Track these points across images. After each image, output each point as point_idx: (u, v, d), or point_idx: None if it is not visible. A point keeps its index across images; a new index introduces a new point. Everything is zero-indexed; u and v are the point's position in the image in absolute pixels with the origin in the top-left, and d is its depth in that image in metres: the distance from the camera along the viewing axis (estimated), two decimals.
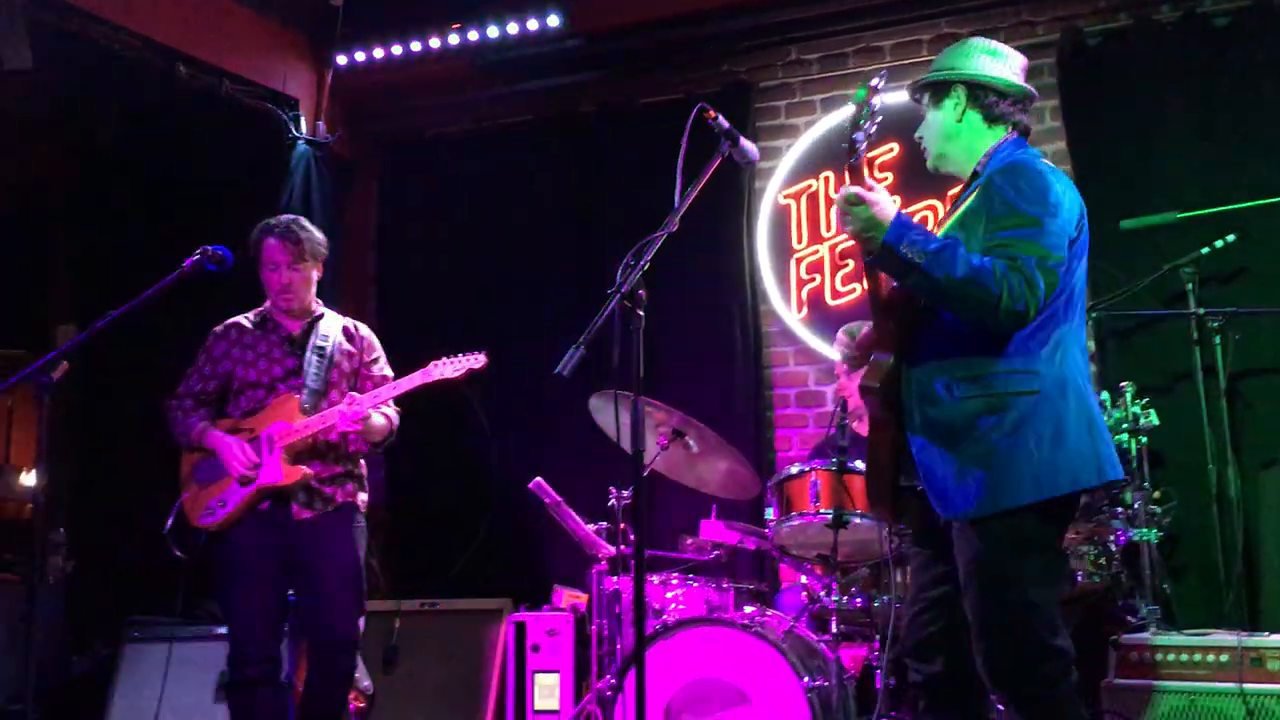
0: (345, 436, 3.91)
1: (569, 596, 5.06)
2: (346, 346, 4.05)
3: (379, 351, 4.15)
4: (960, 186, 2.95)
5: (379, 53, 6.30)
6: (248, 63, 5.93)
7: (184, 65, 5.58)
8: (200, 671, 4.93)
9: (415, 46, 6.24)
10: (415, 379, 3.90)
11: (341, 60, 6.34)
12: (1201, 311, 4.55)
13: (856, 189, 2.68)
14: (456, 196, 6.43)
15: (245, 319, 4.06)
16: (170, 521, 3.92)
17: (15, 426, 6.57)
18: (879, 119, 2.74)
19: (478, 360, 3.92)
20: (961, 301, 2.62)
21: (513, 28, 6.08)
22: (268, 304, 4.07)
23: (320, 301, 4.12)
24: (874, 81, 2.74)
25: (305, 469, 3.83)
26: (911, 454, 2.75)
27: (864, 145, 2.73)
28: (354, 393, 3.93)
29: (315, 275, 4.05)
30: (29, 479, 6.09)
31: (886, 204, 2.69)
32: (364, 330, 4.16)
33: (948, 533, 2.74)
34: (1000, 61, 2.92)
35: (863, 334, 2.99)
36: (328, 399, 3.93)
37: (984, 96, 2.88)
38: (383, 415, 3.95)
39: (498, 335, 6.07)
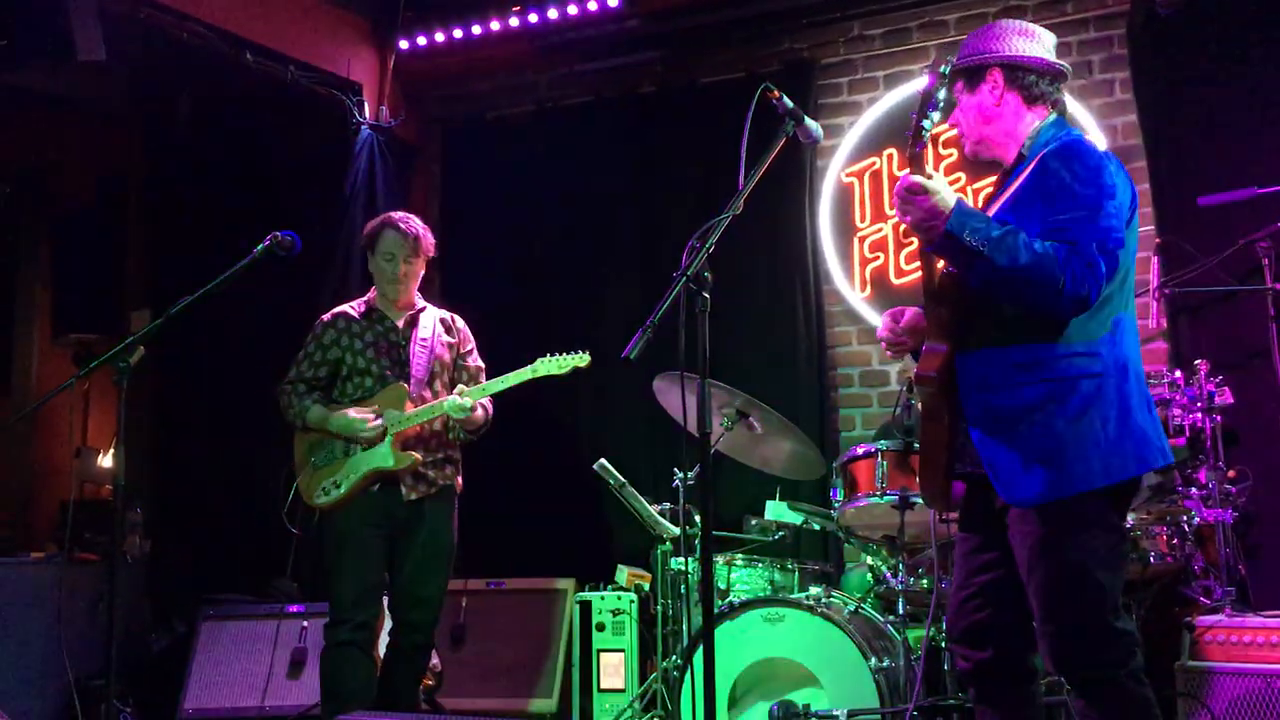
0: (447, 423, 4.13)
1: (633, 576, 5.09)
2: (446, 338, 4.26)
3: (473, 343, 4.37)
4: (1007, 168, 2.89)
5: (440, 36, 6.34)
6: (312, 49, 5.99)
7: (250, 53, 5.66)
8: (274, 648, 5.05)
9: (476, 29, 6.27)
10: (522, 375, 4.11)
11: (404, 44, 6.39)
12: (1279, 286, 4.44)
13: (917, 178, 2.65)
14: (519, 179, 6.46)
15: (351, 308, 4.25)
16: (288, 501, 4.17)
17: (94, 409, 6.74)
18: (942, 107, 2.70)
19: (582, 359, 4.10)
20: (1026, 288, 2.57)
21: (573, 9, 6.08)
22: (372, 294, 4.26)
23: (420, 295, 4.30)
24: (943, 68, 2.69)
25: (415, 454, 4.05)
26: (967, 442, 2.72)
27: (927, 134, 2.69)
28: (461, 385, 4.11)
29: (422, 271, 4.27)
30: (107, 461, 6.25)
31: (947, 192, 2.65)
32: (459, 323, 4.37)
33: (999, 518, 2.71)
34: (1033, 40, 2.87)
35: (905, 320, 2.93)
36: (430, 388, 4.16)
37: (1023, 76, 2.83)
38: (481, 406, 4.15)
39: (562, 317, 6.11)
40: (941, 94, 2.69)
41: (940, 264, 2.77)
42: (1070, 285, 2.53)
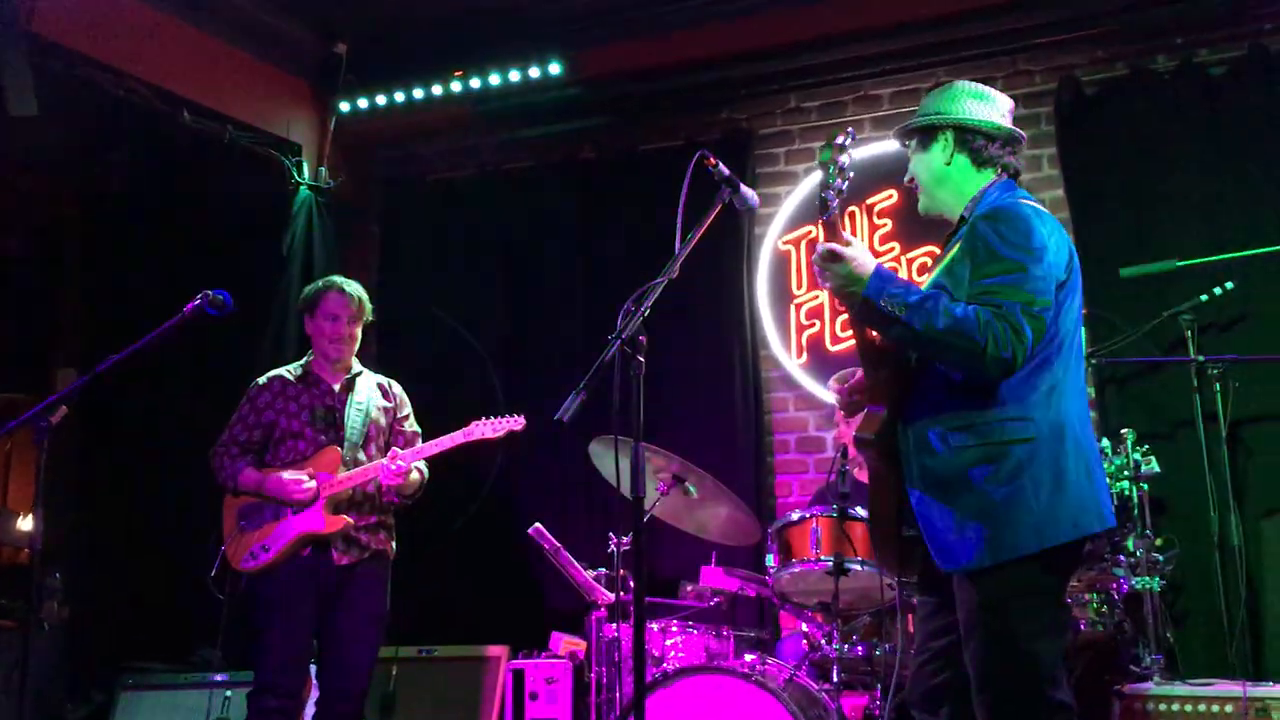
0: (381, 488, 4.09)
1: (568, 643, 5.02)
2: (382, 403, 4.24)
3: (409, 408, 4.35)
4: (950, 231, 2.94)
5: (381, 99, 6.36)
6: (251, 109, 5.99)
7: (189, 112, 5.65)
8: (194, 718, 4.89)
9: (418, 93, 6.30)
10: (456, 438, 4.09)
11: (344, 107, 6.40)
12: (1201, 359, 4.56)
13: (832, 246, 2.68)
14: (459, 241, 6.47)
15: (287, 372, 4.21)
16: (215, 566, 4.09)
17: (14, 471, 6.56)
18: (850, 175, 2.73)
19: (517, 422, 4.11)
20: (946, 351, 2.60)
21: (514, 75, 6.14)
22: (309, 359, 4.24)
23: (358, 360, 4.28)
24: (839, 139, 2.73)
25: (346, 518, 4.00)
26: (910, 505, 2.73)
27: (836, 202, 2.72)
28: (395, 448, 4.09)
29: (359, 336, 4.26)
30: (26, 524, 6.07)
31: (864, 258, 2.68)
32: (396, 388, 4.35)
33: (951, 582, 2.71)
34: (987, 104, 2.91)
35: (854, 380, 2.96)
36: (366, 452, 4.12)
37: (972, 140, 2.87)
38: (416, 470, 4.13)
39: (499, 380, 6.08)
40: (844, 159, 2.71)
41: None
42: (992, 348, 2.53)
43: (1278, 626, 4.45)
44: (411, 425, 4.30)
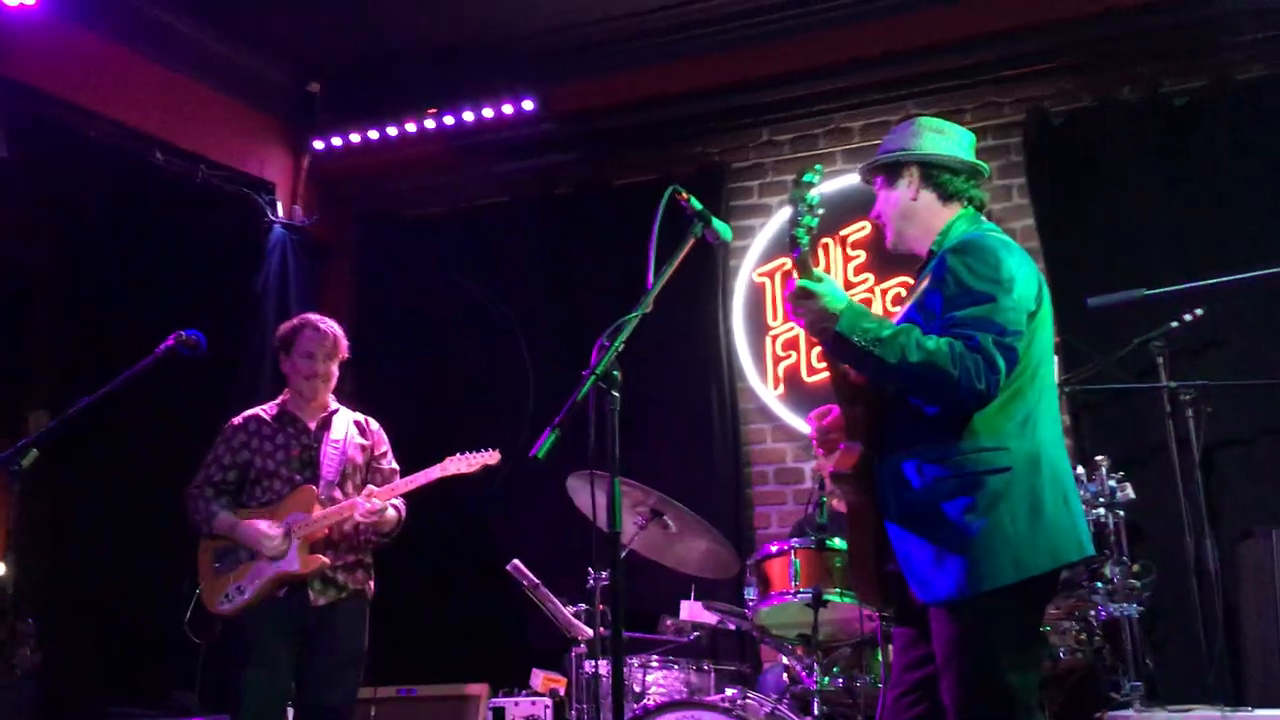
0: (358, 527, 4.07)
1: (547, 680, 4.99)
2: (359, 440, 4.21)
3: (387, 445, 4.32)
4: (920, 265, 2.96)
5: (355, 137, 6.39)
6: (224, 148, 5.99)
7: (160, 151, 5.64)
8: None
9: (392, 131, 6.33)
10: (431, 474, 4.08)
11: (318, 145, 6.41)
12: (1173, 385, 4.59)
13: (805, 282, 2.71)
14: (434, 277, 6.47)
15: (263, 411, 4.19)
16: (190, 609, 4.05)
17: None
18: (819, 211, 2.75)
19: (492, 457, 4.11)
20: (920, 385, 2.62)
21: (488, 112, 6.17)
22: (284, 397, 4.21)
23: (334, 398, 4.26)
24: (808, 177, 2.76)
25: (322, 558, 3.97)
26: (889, 539, 2.73)
27: (803, 239, 2.74)
28: (371, 485, 4.07)
29: (336, 374, 4.24)
30: None
31: (836, 293, 2.70)
32: (374, 425, 4.32)
33: (928, 614, 2.71)
34: (949, 139, 2.94)
35: (829, 418, 2.97)
36: (342, 490, 4.09)
37: (937, 175, 2.90)
38: (392, 508, 4.09)
39: (476, 415, 6.07)
40: (813, 195, 2.74)
41: None
42: (965, 380, 2.55)
43: (1256, 650, 4.45)
44: (389, 463, 4.28)
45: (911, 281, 3.00)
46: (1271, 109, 5.14)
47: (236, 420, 4.17)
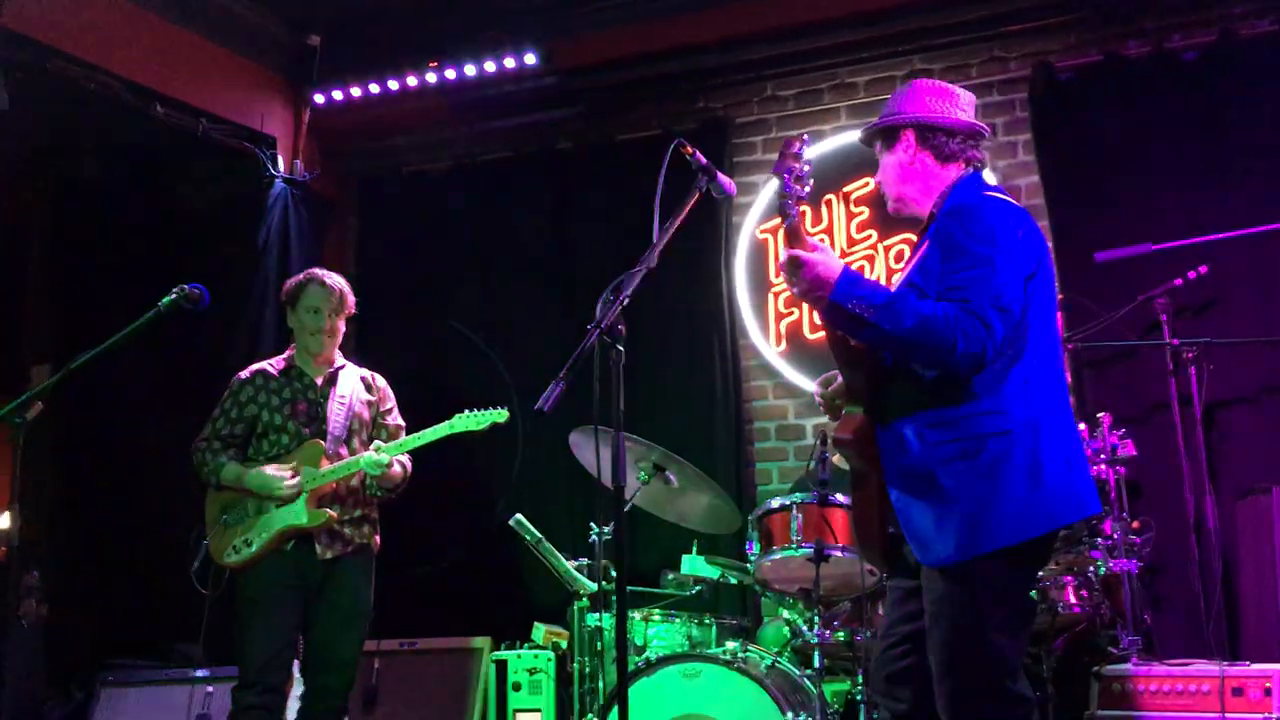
0: (365, 481, 4.08)
1: (550, 634, 5.03)
2: (365, 396, 4.21)
3: (393, 401, 4.32)
4: (921, 228, 2.95)
5: (356, 91, 6.33)
6: (225, 102, 5.95)
7: (161, 105, 5.60)
8: (176, 714, 4.87)
9: (393, 85, 6.27)
10: (440, 431, 4.06)
11: (319, 99, 6.36)
12: (1176, 342, 4.59)
13: (796, 253, 2.69)
14: (436, 233, 6.45)
15: (270, 365, 4.18)
16: (198, 561, 4.11)
17: None
18: (810, 180, 2.75)
19: (501, 414, 4.07)
20: (917, 350, 2.62)
21: (490, 66, 6.12)
22: (290, 352, 4.20)
23: (340, 353, 4.25)
24: (795, 147, 2.75)
25: (330, 512, 3.98)
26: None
27: (796, 208, 2.74)
28: (378, 440, 4.08)
29: (343, 329, 4.23)
30: (3, 521, 6.01)
31: (830, 262, 2.69)
32: (380, 381, 4.31)
33: (922, 570, 2.73)
34: (945, 101, 2.94)
35: (834, 386, 2.97)
36: (349, 446, 4.10)
37: (933, 137, 2.90)
38: (399, 463, 4.10)
39: (478, 370, 6.07)
40: (801, 166, 2.73)
41: None
42: (963, 344, 2.55)
43: (1253, 606, 4.48)
44: (395, 419, 4.28)
45: (914, 239, 2.99)
46: (1278, 64, 5.09)
47: (243, 374, 4.17)
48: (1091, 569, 4.14)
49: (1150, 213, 5.14)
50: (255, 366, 4.19)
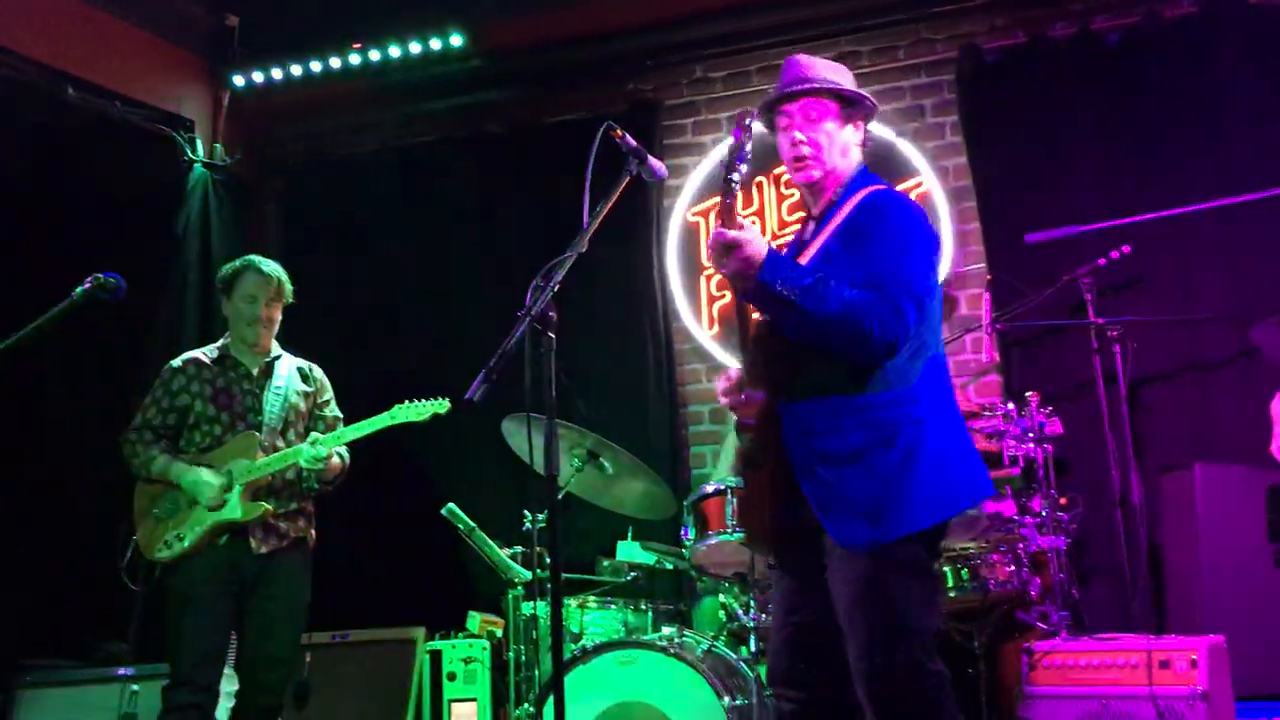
0: (301, 474, 3.99)
1: (485, 622, 4.99)
2: (302, 387, 4.12)
3: (330, 393, 4.23)
4: (819, 212, 2.92)
5: (277, 73, 6.20)
6: (140, 85, 5.79)
7: (74, 88, 5.44)
8: (100, 715, 4.75)
9: (315, 67, 6.15)
10: (379, 422, 3.98)
11: (238, 81, 6.22)
12: (1100, 321, 4.66)
13: (731, 232, 2.64)
14: (363, 217, 6.34)
15: (203, 354, 4.07)
16: (127, 556, 3.96)
17: None
18: (749, 159, 2.70)
19: (442, 405, 4.00)
20: (836, 334, 2.61)
21: (415, 48, 6.02)
22: (225, 340, 4.10)
23: (277, 343, 4.15)
24: (746, 121, 2.70)
25: (265, 505, 3.89)
26: (792, 488, 2.72)
27: (738, 185, 2.70)
28: (315, 433, 3.98)
29: (279, 317, 4.13)
30: None
31: (759, 243, 2.66)
32: (318, 372, 4.23)
33: (817, 558, 2.73)
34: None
35: (734, 379, 2.93)
36: (284, 438, 4.01)
37: (867, 125, 2.96)
38: (337, 455, 4.02)
39: (408, 359, 5.99)
40: (749, 147, 2.69)
41: (755, 314, 2.80)
42: (879, 331, 2.59)
43: (1178, 580, 4.58)
44: (333, 410, 4.19)
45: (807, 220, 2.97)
46: (1201, 46, 5.17)
47: (175, 362, 4.05)
48: (1021, 545, 4.19)
49: (1077, 194, 5.20)
50: (188, 355, 4.08)
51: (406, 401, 4.01)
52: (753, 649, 4.00)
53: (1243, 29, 5.10)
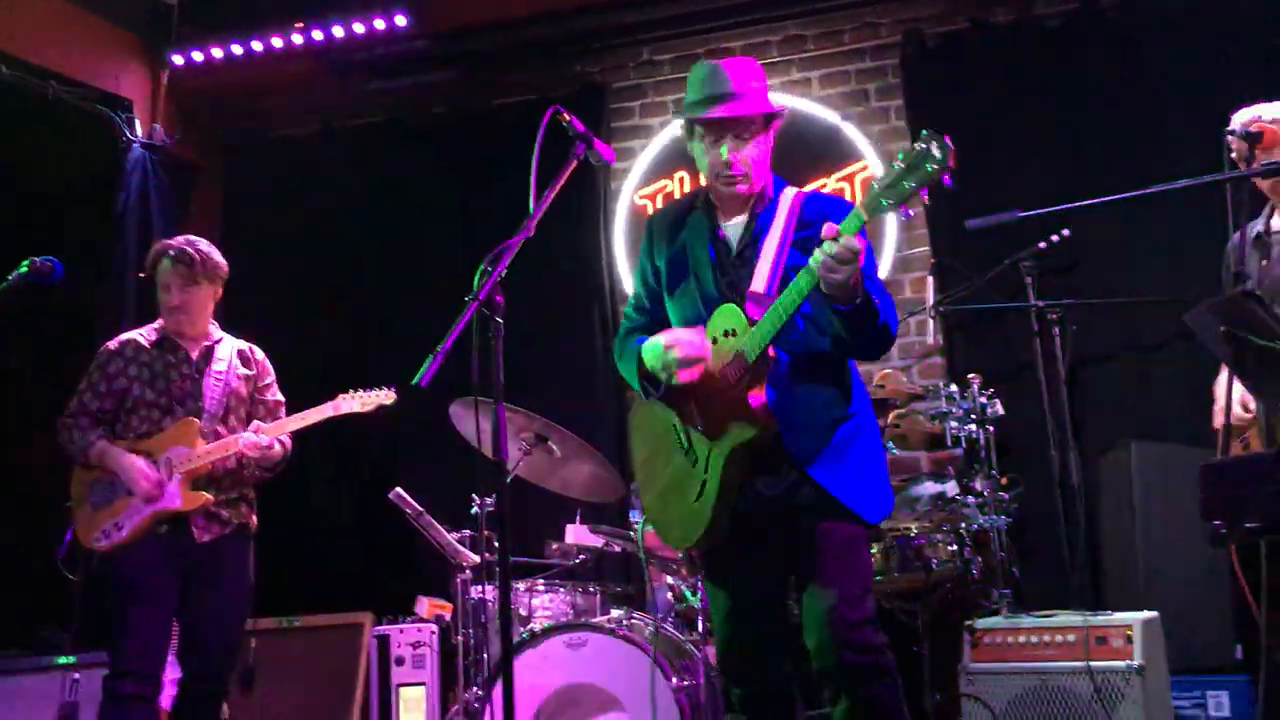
0: (242, 461, 3.94)
1: (433, 606, 4.97)
2: (243, 371, 4.06)
3: (272, 376, 4.17)
4: (748, 212, 2.97)
5: (218, 52, 6.08)
6: (76, 64, 5.67)
7: (7, 67, 5.31)
8: (40, 704, 4.68)
9: (257, 46, 6.04)
10: (324, 411, 3.96)
11: (177, 60, 6.10)
12: (1041, 304, 4.73)
13: (856, 241, 2.56)
14: (306, 199, 6.26)
15: (141, 335, 3.99)
16: (65, 544, 3.95)
17: None
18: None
19: (388, 396, 3.99)
20: (886, 340, 2.82)
21: (359, 27, 5.94)
22: (162, 322, 4.01)
23: (216, 324, 4.08)
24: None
25: (205, 495, 3.83)
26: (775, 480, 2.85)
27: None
28: (258, 421, 3.93)
29: (212, 298, 4.02)
30: None
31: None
32: (259, 354, 4.16)
33: (763, 546, 2.88)
34: None
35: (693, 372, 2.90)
36: (225, 424, 3.95)
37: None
38: (279, 442, 3.96)
39: (353, 341, 5.94)
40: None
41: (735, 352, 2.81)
42: (896, 330, 2.82)
43: (1115, 558, 4.68)
44: (275, 394, 4.14)
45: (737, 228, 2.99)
46: (1140, 31, 5.25)
47: (112, 344, 3.97)
48: (963, 525, 4.26)
49: (1019, 178, 5.26)
50: (125, 336, 3.99)
51: (351, 391, 3.97)
52: (701, 630, 4.03)
53: (1178, 15, 5.18)
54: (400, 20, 5.90)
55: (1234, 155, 3.50)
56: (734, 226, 2.99)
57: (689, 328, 2.92)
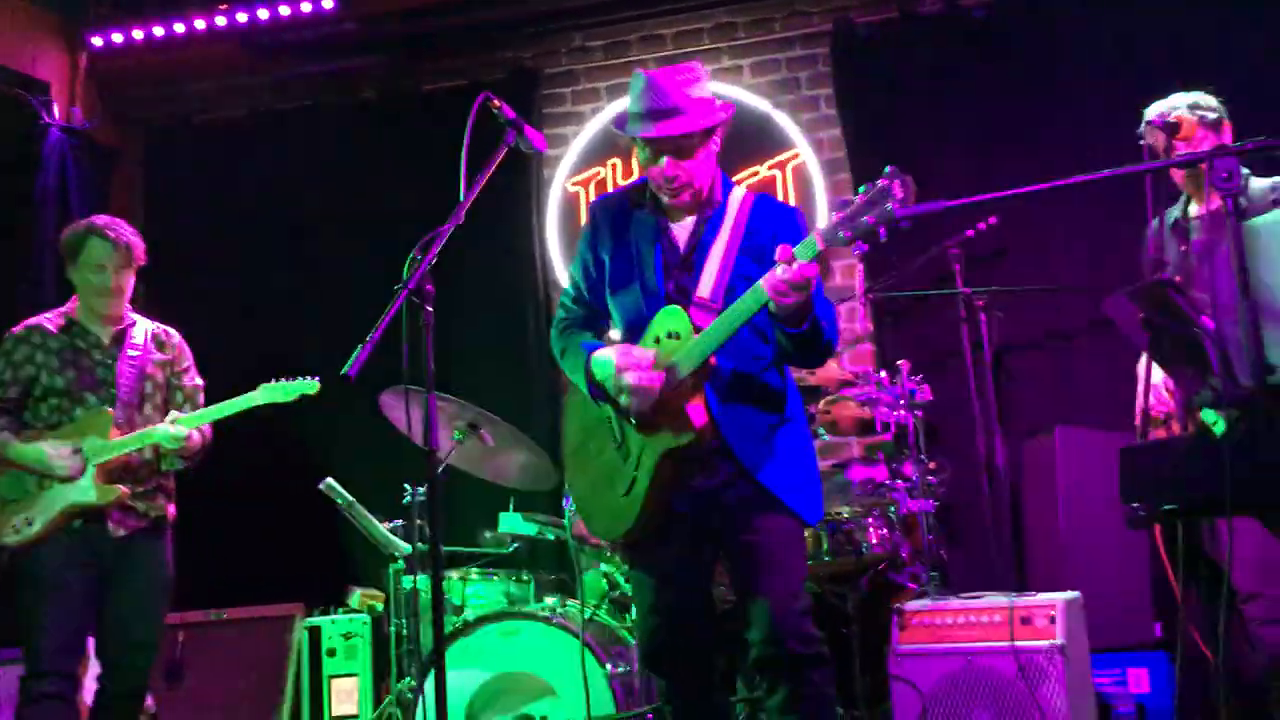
0: (159, 452, 3.81)
1: (365, 597, 4.94)
2: (158, 355, 3.93)
3: (190, 360, 4.03)
4: (698, 215, 2.99)
5: (138, 33, 5.95)
6: None
7: None
8: None
9: (179, 27, 5.92)
10: (244, 401, 3.84)
11: (96, 41, 5.96)
12: (968, 291, 4.81)
13: (809, 270, 2.59)
14: (230, 185, 6.14)
15: (47, 320, 3.83)
16: None
17: None
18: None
19: (311, 385, 3.89)
20: (827, 352, 2.89)
21: (284, 9, 5.83)
22: (71, 306, 3.86)
23: (130, 308, 3.94)
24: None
25: (120, 488, 3.70)
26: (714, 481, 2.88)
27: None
28: (176, 412, 3.82)
29: (132, 282, 3.90)
30: None
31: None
32: (175, 337, 4.02)
33: (693, 539, 2.92)
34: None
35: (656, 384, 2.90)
36: (141, 411, 3.82)
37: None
38: (198, 431, 3.84)
39: (278, 330, 5.85)
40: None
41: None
42: (837, 341, 2.91)
43: (1039, 540, 4.78)
44: (193, 379, 4.00)
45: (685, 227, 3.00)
46: (1057, 23, 5.33)
47: (16, 330, 3.81)
48: (893, 509, 4.32)
49: (948, 167, 5.33)
50: (30, 321, 3.83)
51: (273, 380, 3.89)
52: (634, 616, 4.05)
53: (1095, 7, 5.27)
54: (327, 3, 5.81)
55: (1152, 145, 3.57)
56: (682, 228, 3.00)
57: (634, 341, 2.93)
